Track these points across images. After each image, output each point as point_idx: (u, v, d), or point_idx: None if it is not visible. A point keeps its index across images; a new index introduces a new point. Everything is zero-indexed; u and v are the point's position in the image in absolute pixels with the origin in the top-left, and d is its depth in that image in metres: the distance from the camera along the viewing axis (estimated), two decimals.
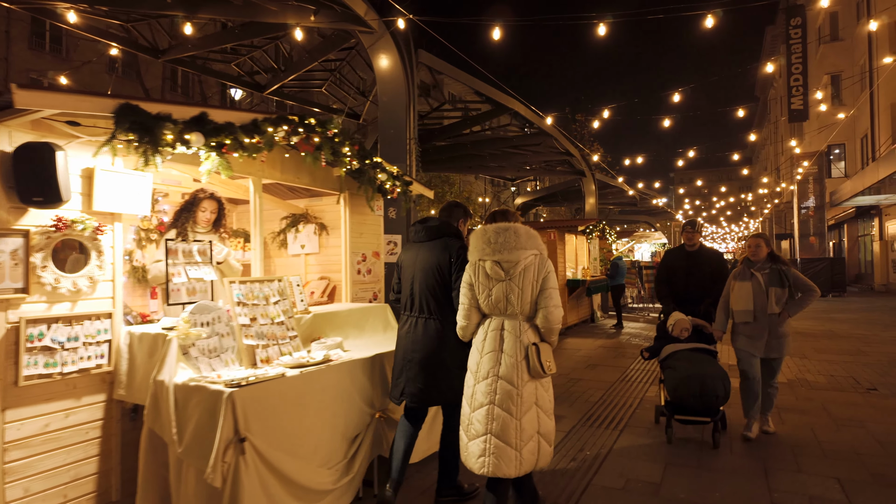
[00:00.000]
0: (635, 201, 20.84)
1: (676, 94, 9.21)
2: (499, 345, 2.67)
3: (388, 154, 5.79)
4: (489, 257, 2.71)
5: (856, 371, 6.77)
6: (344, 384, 3.02)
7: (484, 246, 2.73)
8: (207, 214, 3.55)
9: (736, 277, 4.42)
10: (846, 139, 26.85)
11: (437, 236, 3.14)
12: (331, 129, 3.47)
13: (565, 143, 11.29)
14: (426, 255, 3.10)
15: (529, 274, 2.69)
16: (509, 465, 2.54)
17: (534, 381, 2.65)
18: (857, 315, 13.06)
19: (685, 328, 4.54)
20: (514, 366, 2.61)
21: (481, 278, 2.74)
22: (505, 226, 2.75)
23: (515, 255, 2.68)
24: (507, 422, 2.56)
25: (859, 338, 9.51)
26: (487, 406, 2.60)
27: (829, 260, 18.92)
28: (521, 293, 2.67)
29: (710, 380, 4.01)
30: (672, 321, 4.61)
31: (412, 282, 3.13)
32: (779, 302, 4.21)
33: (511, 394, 2.58)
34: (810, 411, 5.06)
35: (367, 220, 4.97)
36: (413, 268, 3.14)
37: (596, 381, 6.49)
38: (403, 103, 5.79)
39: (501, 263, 2.69)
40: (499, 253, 2.69)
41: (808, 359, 7.66)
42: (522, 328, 2.67)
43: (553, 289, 2.73)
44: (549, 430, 2.70)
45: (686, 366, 4.20)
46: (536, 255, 2.74)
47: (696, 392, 3.98)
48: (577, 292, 11.26)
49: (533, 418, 2.62)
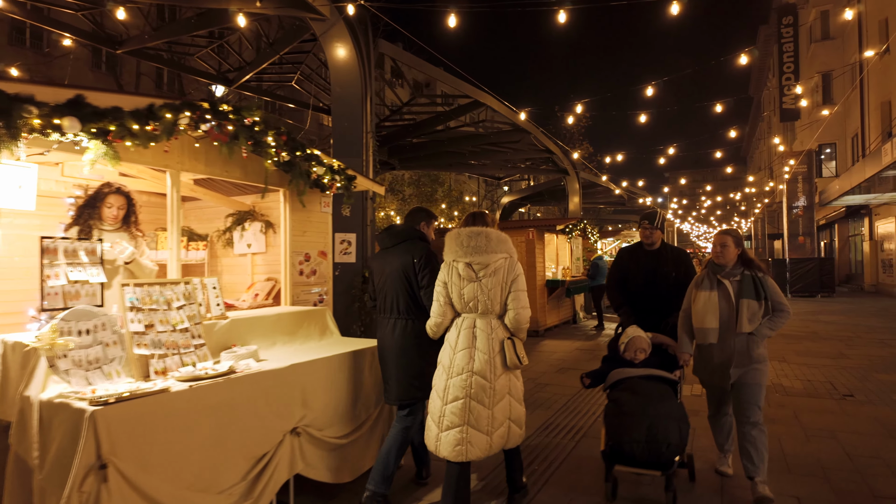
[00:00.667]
0: (623, 200, 20.59)
1: (657, 91, 8.95)
2: (472, 342, 2.84)
3: (343, 148, 5.50)
4: (462, 259, 2.88)
5: (834, 375, 6.52)
6: (247, 398, 2.73)
7: (457, 248, 2.89)
8: (114, 211, 3.25)
9: (698, 286, 3.44)
10: (837, 138, 26.71)
11: (401, 240, 3.33)
12: (249, 116, 3.17)
13: (545, 140, 11.00)
14: (393, 260, 3.29)
15: (499, 276, 2.85)
16: (481, 450, 2.80)
17: (507, 373, 2.88)
18: (843, 316, 12.84)
19: (640, 349, 3.53)
20: (488, 361, 2.80)
21: (454, 278, 2.90)
22: (477, 230, 2.90)
23: (486, 257, 2.84)
24: (481, 412, 2.80)
25: (842, 340, 9.27)
26: (463, 399, 2.78)
27: (818, 260, 18.72)
28: (491, 293, 2.84)
29: (660, 422, 2.96)
30: (625, 338, 3.60)
31: (384, 286, 3.33)
32: (752, 318, 3.23)
33: (485, 387, 2.80)
34: (781, 420, 4.80)
35: (313, 218, 4.68)
36: (383, 272, 3.34)
37: (564, 386, 6.21)
38: (358, 95, 5.50)
39: (473, 265, 2.86)
40: (470, 255, 2.85)
41: (787, 362, 7.41)
42: (493, 325, 2.86)
43: (521, 291, 2.89)
44: (520, 414, 2.98)
45: (632, 400, 3.14)
46: (506, 258, 2.90)
47: (640, 436, 2.95)
48: (557, 293, 10.99)
49: (505, 407, 2.86)
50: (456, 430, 2.78)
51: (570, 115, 10.24)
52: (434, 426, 2.88)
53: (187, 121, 2.88)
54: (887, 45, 18.22)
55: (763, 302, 3.26)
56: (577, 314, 12.63)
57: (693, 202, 44.56)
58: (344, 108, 5.50)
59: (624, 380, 3.39)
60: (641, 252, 4.07)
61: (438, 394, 2.90)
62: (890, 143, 10.95)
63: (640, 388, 3.24)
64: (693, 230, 53.49)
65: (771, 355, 8.27)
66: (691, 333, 3.50)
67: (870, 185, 16.54)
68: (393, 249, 3.33)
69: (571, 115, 10.09)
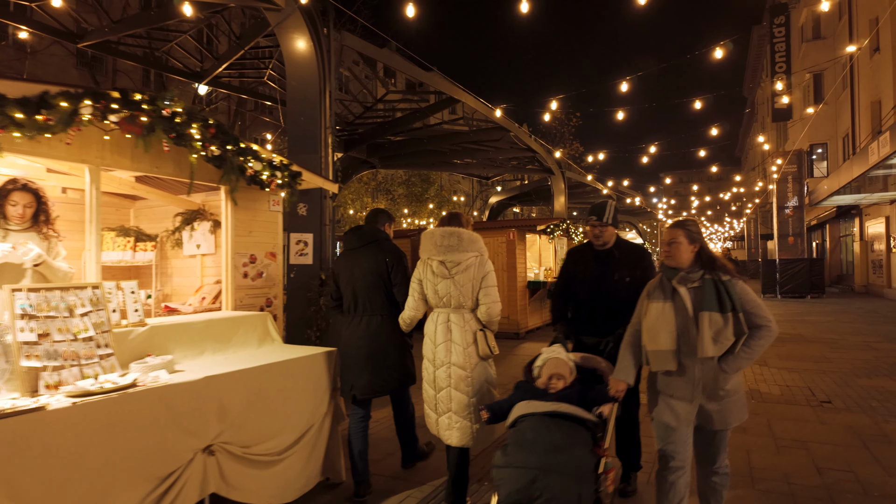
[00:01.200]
0: (613, 200, 20.44)
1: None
2: (448, 335, 3.01)
3: (299, 144, 5.25)
4: (436, 257, 3.04)
5: (814, 381, 6.31)
6: (148, 414, 2.49)
7: (431, 247, 3.05)
8: (19, 209, 3.00)
9: (650, 295, 2.67)
10: (829, 138, 26.62)
11: (370, 241, 3.49)
12: (167, 107, 2.93)
13: (525, 138, 10.76)
14: (363, 260, 3.44)
15: (471, 272, 2.99)
16: (466, 436, 2.95)
17: (482, 363, 3.01)
18: (830, 317, 12.67)
19: (558, 375, 2.73)
20: (464, 353, 2.97)
21: (429, 275, 3.07)
22: (451, 230, 3.04)
23: (458, 256, 2.98)
24: (462, 400, 2.96)
25: (827, 342, 9.08)
26: (446, 389, 2.99)
27: (808, 260, 18.56)
28: (463, 289, 2.98)
29: (545, 479, 2.23)
30: (540, 361, 2.87)
31: (353, 285, 3.43)
32: (718, 337, 2.46)
33: (464, 377, 2.96)
34: (753, 430, 4.58)
35: (259, 217, 4.43)
36: (352, 273, 3.45)
37: None
38: (315, 88, 5.25)
39: (446, 263, 3.01)
40: (443, 254, 3.00)
41: (767, 367, 7.20)
42: (466, 319, 3.01)
43: (492, 286, 3.03)
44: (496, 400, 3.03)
45: (521, 445, 2.38)
46: (477, 256, 3.03)
47: (514, 496, 2.25)
48: (539, 294, 10.77)
49: (485, 394, 3.00)
50: (446, 415, 3.02)
51: (552, 113, 10.00)
52: (432, 412, 3.10)
53: (90, 111, 2.64)
54: (868, 41, 18.09)
55: (731, 315, 2.45)
56: None
57: (685, 202, 44.46)
58: (300, 103, 5.25)
59: (525, 417, 2.51)
60: (590, 254, 3.34)
61: (429, 383, 3.10)
62: (876, 142, 10.78)
63: (536, 431, 2.41)
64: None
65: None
66: (637, 356, 2.71)
67: (860, 185, 16.39)
68: (361, 250, 3.48)
69: (549, 113, 9.85)
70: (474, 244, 3.05)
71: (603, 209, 3.22)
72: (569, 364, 2.83)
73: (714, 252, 2.65)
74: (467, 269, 2.99)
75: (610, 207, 3.24)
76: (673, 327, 2.54)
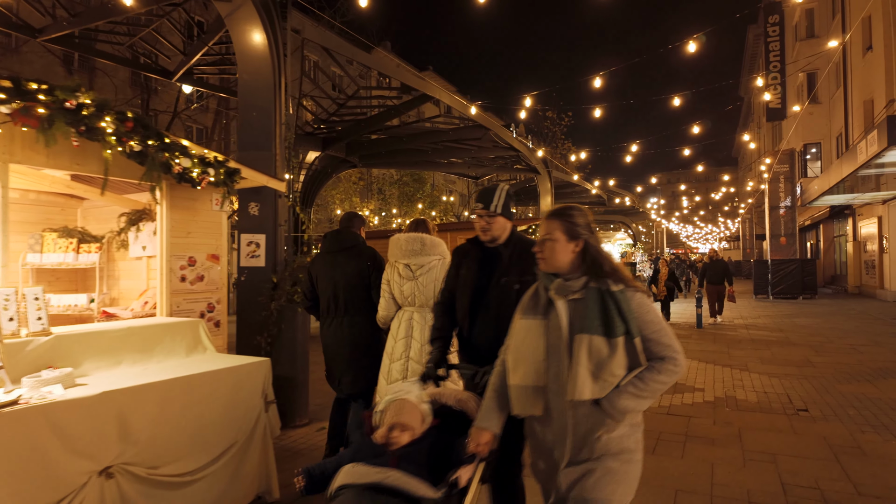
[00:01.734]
0: (603, 201, 20.16)
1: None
2: (410, 332, 3.18)
3: (249, 141, 5.00)
4: (402, 260, 3.27)
5: (794, 387, 6.10)
6: (30, 435, 2.26)
7: (398, 251, 3.28)
8: None
9: (521, 310, 1.99)
10: (822, 138, 26.44)
11: (350, 245, 3.65)
12: (70, 97, 2.70)
13: (506, 136, 10.52)
14: (344, 263, 3.58)
15: (433, 274, 3.20)
16: None
17: None
18: (820, 319, 12.46)
19: (401, 425, 1.97)
20: (421, 349, 3.09)
21: (396, 277, 3.28)
22: (415, 236, 3.27)
23: (420, 259, 3.22)
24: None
25: (813, 346, 8.86)
26: (400, 381, 3.05)
27: (800, 261, 18.37)
28: (426, 289, 3.18)
29: None
30: (381, 404, 2.11)
31: (334, 287, 3.56)
32: (599, 371, 1.74)
33: (417, 371, 2.95)
34: (722, 441, 4.36)
35: (200, 217, 4.20)
36: (332, 275, 3.58)
37: None
38: (269, 82, 5.00)
39: (410, 266, 3.23)
40: (408, 257, 3.24)
41: (748, 371, 6.99)
42: (427, 318, 3.08)
43: None
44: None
45: None
46: (439, 259, 3.26)
47: None
48: None
49: None
50: None
51: (551, 114, 9.76)
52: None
53: None
54: (849, 34, 17.91)
55: (622, 340, 1.75)
56: None
57: (680, 203, 44.28)
58: (252, 97, 5.00)
59: (342, 489, 1.80)
60: (475, 252, 2.59)
61: (384, 375, 3.26)
62: (864, 141, 10.57)
63: None
64: (682, 231, 53.24)
65: (734, 363, 7.92)
66: (504, 396, 1.95)
67: (853, 184, 16.18)
68: (342, 254, 3.62)
69: (526, 111, 9.64)
70: (436, 248, 3.30)
71: (491, 195, 2.49)
72: (419, 408, 2.05)
73: (606, 253, 1.95)
74: (429, 270, 3.22)
75: (501, 193, 2.53)
76: (541, 354, 1.83)
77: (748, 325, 11.86)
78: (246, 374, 3.28)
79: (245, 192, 4.95)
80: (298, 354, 4.86)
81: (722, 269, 12.16)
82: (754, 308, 15.66)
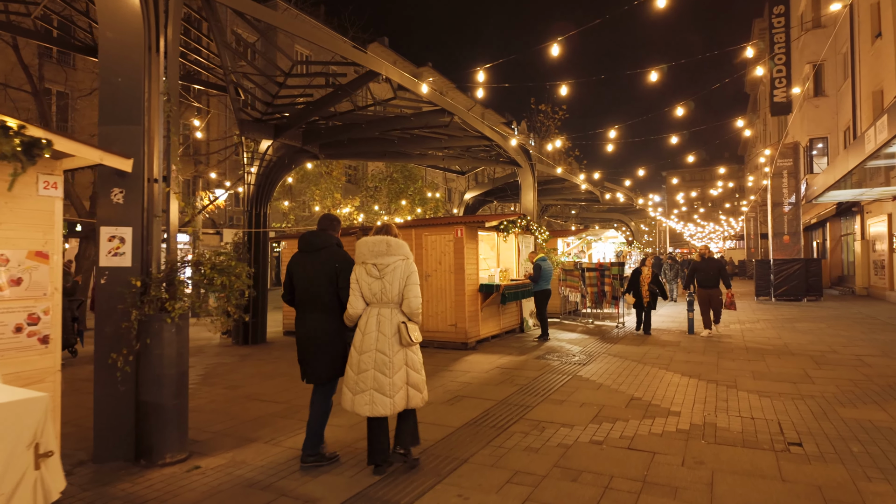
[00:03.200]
0: (596, 197, 19.14)
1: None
2: (377, 326, 3.61)
3: (113, 112, 4.09)
4: (369, 261, 3.68)
5: (788, 410, 5.13)
6: None
7: (366, 252, 3.69)
8: None
9: None
10: (829, 132, 25.33)
11: (323, 247, 3.91)
12: None
13: (474, 122, 9.54)
14: (318, 265, 3.86)
15: (397, 273, 3.64)
16: (385, 408, 3.56)
17: (403, 350, 3.64)
18: (823, 324, 11.43)
19: None
20: (387, 341, 3.59)
21: (364, 276, 3.67)
22: (380, 238, 3.70)
23: (386, 259, 3.66)
24: (383, 381, 3.57)
25: (814, 356, 7.88)
26: (369, 370, 3.57)
27: (804, 261, 17.31)
28: (390, 287, 3.63)
29: None
30: None
31: (307, 284, 3.86)
32: None
33: (385, 361, 3.57)
34: (686, 488, 3.41)
35: (17, 205, 3.29)
36: (306, 274, 3.88)
37: (440, 426, 4.83)
38: (140, 41, 4.10)
39: (377, 266, 3.66)
40: (375, 258, 3.67)
41: (736, 389, 6.02)
42: (393, 313, 3.64)
43: (414, 284, 3.67)
44: (417, 381, 3.69)
45: None
46: (403, 259, 3.69)
47: None
48: (492, 298, 9.60)
49: (403, 376, 3.63)
50: (365, 393, 3.55)
51: (544, 107, 8.79)
52: (349, 392, 3.64)
53: None
54: (851, 2, 16.83)
55: None
56: (524, 322, 11.24)
57: (685, 202, 43.21)
58: (116, 59, 4.10)
59: None
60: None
61: (352, 367, 3.64)
62: (873, 128, 9.56)
63: None
64: (686, 230, 52.00)
65: (721, 377, 6.65)
66: None
67: (861, 178, 15.12)
68: (316, 255, 3.90)
69: (548, 109, 8.68)
70: (401, 249, 3.70)
71: None
72: None
73: None
74: (394, 270, 3.63)
75: None
76: None
77: (744, 330, 10.86)
78: (14, 418, 2.37)
79: (107, 176, 4.04)
80: (168, 376, 3.93)
81: (715, 269, 10.22)
82: (754, 311, 14.64)
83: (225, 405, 5.72)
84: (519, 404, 5.52)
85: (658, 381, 6.48)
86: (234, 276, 4.33)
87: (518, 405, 5.49)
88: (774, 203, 18.94)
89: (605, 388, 6.18)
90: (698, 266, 10.45)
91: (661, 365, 7.45)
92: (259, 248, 10.30)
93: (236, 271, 4.34)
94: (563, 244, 14.23)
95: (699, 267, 10.41)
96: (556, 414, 5.15)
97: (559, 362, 7.75)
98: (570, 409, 5.33)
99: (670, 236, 51.89)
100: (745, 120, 18.74)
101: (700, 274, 10.32)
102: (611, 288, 11.85)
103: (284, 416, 5.26)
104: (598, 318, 13.26)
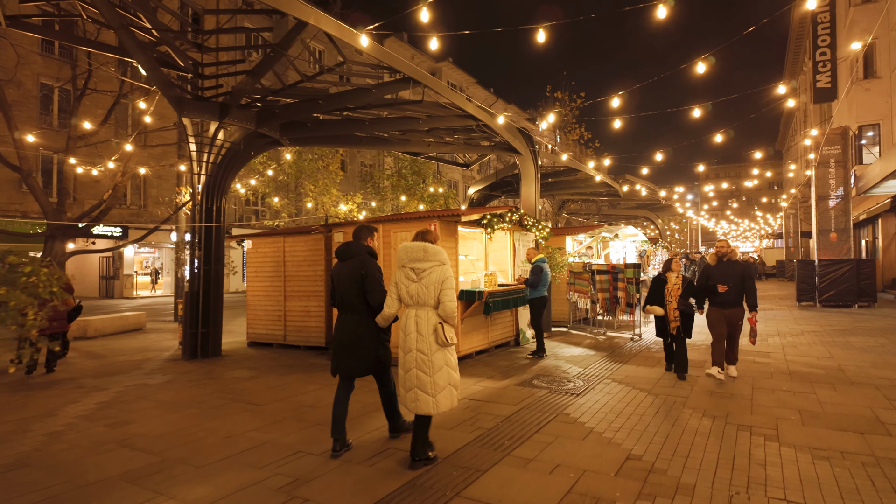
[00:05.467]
0: (616, 192, 17.29)
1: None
2: (415, 327, 3.87)
3: None
4: (407, 265, 3.97)
5: (859, 489, 3.43)
6: None
7: (404, 257, 3.99)
8: None
9: None
10: (881, 118, 22.81)
11: (353, 255, 4.39)
12: None
13: (450, 94, 7.94)
14: (348, 271, 4.32)
15: (433, 277, 3.88)
16: (428, 407, 3.82)
17: (441, 350, 3.86)
18: (884, 338, 9.44)
19: None
20: (425, 342, 3.83)
21: (403, 279, 3.97)
22: (418, 244, 4.00)
23: (422, 264, 3.92)
24: (424, 379, 3.82)
25: (882, 385, 6.05)
26: (412, 370, 3.85)
27: (855, 262, 15.14)
28: (426, 290, 3.87)
29: None
30: None
31: (342, 290, 4.33)
32: None
33: (425, 361, 3.83)
34: None
35: None
36: (340, 280, 4.35)
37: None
38: None
39: (415, 270, 3.93)
40: (412, 263, 3.95)
41: (777, 442, 4.31)
42: (430, 314, 3.88)
43: (450, 289, 3.88)
44: (456, 381, 3.96)
45: None
46: (438, 264, 3.94)
47: None
48: (475, 307, 8.02)
49: (444, 375, 3.86)
50: (411, 391, 3.87)
51: (559, 95, 7.22)
52: (402, 389, 3.97)
53: None
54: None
55: None
56: (521, 333, 9.60)
57: (716, 197, 40.57)
58: None
59: None
60: None
61: (402, 366, 3.96)
62: None
63: None
64: (718, 227, 49.08)
65: (758, 423, 4.78)
66: None
67: None
68: (348, 262, 4.36)
69: (566, 97, 7.19)
70: (437, 255, 3.97)
71: None
72: None
73: None
74: (430, 274, 3.90)
75: None
76: None
77: (786, 345, 8.98)
78: None
79: None
80: None
81: (738, 276, 6.44)
82: (797, 320, 12.63)
83: (76, 455, 4.31)
84: (466, 466, 3.94)
85: (670, 424, 4.82)
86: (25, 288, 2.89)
87: (464, 468, 3.91)
88: (819, 196, 16.75)
89: (594, 435, 4.56)
90: (712, 271, 6.63)
91: (677, 396, 5.77)
92: (212, 247, 8.96)
93: (21, 280, 2.89)
94: (572, 242, 12.51)
95: (713, 273, 6.60)
96: (510, 489, 3.56)
97: (547, 390, 6.13)
98: (534, 477, 3.74)
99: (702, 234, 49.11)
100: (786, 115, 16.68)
101: (716, 283, 6.52)
102: (625, 294, 10.12)
103: (139, 476, 3.82)
104: (613, 328, 11.50)
